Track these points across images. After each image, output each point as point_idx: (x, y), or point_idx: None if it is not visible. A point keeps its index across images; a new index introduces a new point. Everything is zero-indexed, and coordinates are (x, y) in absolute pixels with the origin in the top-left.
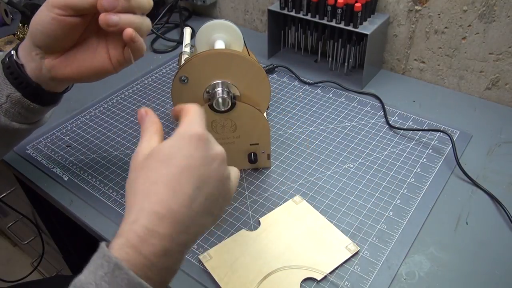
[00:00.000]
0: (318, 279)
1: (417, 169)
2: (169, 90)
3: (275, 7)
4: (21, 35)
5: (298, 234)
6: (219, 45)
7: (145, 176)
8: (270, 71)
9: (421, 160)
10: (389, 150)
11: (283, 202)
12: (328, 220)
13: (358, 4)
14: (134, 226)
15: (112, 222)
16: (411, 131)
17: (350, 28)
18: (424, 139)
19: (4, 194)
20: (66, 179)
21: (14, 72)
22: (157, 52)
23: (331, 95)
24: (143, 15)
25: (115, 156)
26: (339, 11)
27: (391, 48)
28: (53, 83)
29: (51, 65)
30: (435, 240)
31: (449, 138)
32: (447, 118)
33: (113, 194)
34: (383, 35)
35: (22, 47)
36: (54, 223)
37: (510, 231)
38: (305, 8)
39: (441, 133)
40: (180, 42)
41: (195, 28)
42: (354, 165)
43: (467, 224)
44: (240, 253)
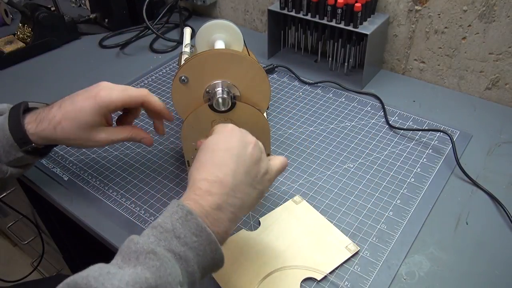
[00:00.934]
0: (318, 279)
1: (417, 169)
2: (169, 90)
3: (275, 7)
4: (21, 35)
5: (298, 234)
6: (219, 45)
7: (198, 158)
8: (270, 71)
9: (421, 160)
10: (389, 150)
11: (283, 202)
12: (328, 220)
13: (358, 4)
14: (192, 188)
15: (112, 222)
16: (411, 131)
17: (350, 28)
18: (424, 139)
19: (4, 194)
20: (66, 179)
21: (26, 142)
22: (157, 52)
23: (331, 95)
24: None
25: (115, 156)
26: (339, 11)
27: (391, 48)
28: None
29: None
30: (435, 240)
31: (449, 138)
32: (447, 118)
33: (113, 194)
34: (383, 35)
35: (40, 134)
36: (54, 223)
37: (510, 231)
38: (305, 8)
39: (441, 133)
40: (180, 42)
41: (195, 28)
42: (354, 165)
43: (467, 224)
44: (240, 253)
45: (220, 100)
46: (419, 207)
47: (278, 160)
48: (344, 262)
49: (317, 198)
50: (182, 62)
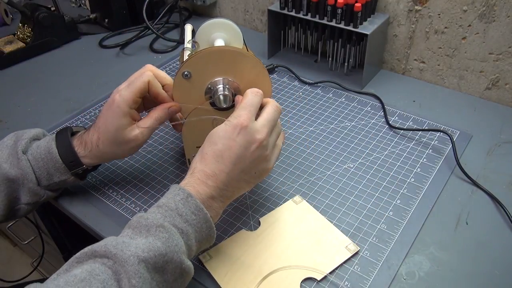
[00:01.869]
0: (318, 279)
1: (417, 169)
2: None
3: (275, 7)
4: (21, 35)
5: (298, 234)
6: (219, 43)
7: (203, 147)
8: (270, 71)
9: (421, 160)
10: (389, 150)
11: (283, 202)
12: (328, 220)
13: (358, 4)
14: (192, 176)
15: (112, 222)
16: (411, 131)
17: (350, 28)
18: (424, 139)
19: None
20: None
21: (77, 164)
22: (157, 52)
23: (331, 95)
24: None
25: None
26: (339, 11)
27: (391, 48)
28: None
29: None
30: (435, 240)
31: (449, 138)
32: (447, 118)
33: (113, 194)
34: (383, 35)
35: (90, 157)
36: (54, 223)
37: (510, 231)
38: (305, 8)
39: (441, 133)
40: (180, 42)
41: (195, 28)
42: (354, 165)
43: (467, 224)
44: (240, 253)
45: (221, 97)
46: (419, 207)
47: (277, 150)
48: (344, 262)
49: (317, 198)
50: (185, 58)
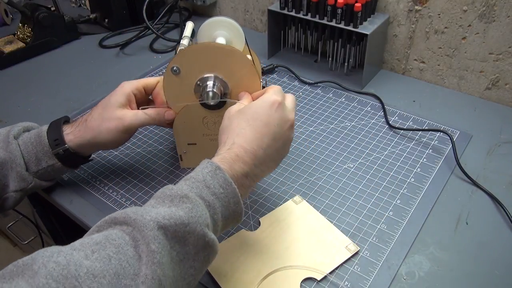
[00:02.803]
0: (318, 279)
1: (417, 169)
2: None
3: (275, 7)
4: (21, 35)
5: (298, 234)
6: (220, 42)
7: (237, 122)
8: (270, 71)
9: (421, 160)
10: (389, 150)
11: (283, 202)
12: (328, 220)
13: (358, 4)
14: (229, 152)
15: None
16: (411, 131)
17: (350, 28)
18: (424, 139)
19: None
20: (66, 179)
21: (60, 143)
22: (157, 52)
23: (331, 95)
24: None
25: (115, 156)
26: (339, 11)
27: (391, 48)
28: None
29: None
30: (435, 240)
31: (449, 138)
32: (447, 118)
33: (113, 194)
34: (383, 35)
35: (74, 133)
36: (54, 223)
37: (510, 231)
38: (305, 8)
39: (441, 133)
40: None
41: (195, 29)
42: (354, 165)
43: (467, 224)
44: (240, 253)
45: (210, 93)
46: (419, 207)
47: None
48: (344, 262)
49: (317, 198)
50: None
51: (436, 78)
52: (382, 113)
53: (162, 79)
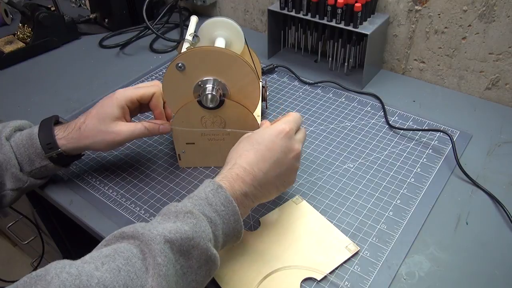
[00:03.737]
0: (318, 279)
1: (417, 169)
2: None
3: (275, 7)
4: (21, 35)
5: (298, 234)
6: (220, 42)
7: (243, 145)
8: (270, 71)
9: (421, 160)
10: (389, 150)
11: (283, 202)
12: (328, 220)
13: (358, 4)
14: (230, 171)
15: (112, 222)
16: (411, 131)
17: (350, 28)
18: (424, 139)
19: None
20: (66, 179)
21: (53, 147)
22: (157, 52)
23: (331, 95)
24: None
25: (115, 156)
26: (339, 11)
27: (391, 48)
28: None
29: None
30: (435, 240)
31: (449, 138)
32: (447, 118)
33: (113, 194)
34: (383, 35)
35: (67, 138)
36: (54, 223)
37: (510, 231)
38: (305, 8)
39: (441, 133)
40: (180, 42)
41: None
42: (354, 165)
43: (467, 224)
44: (240, 253)
45: (209, 96)
46: (419, 207)
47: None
48: (344, 262)
49: (317, 198)
50: (184, 49)
51: (436, 78)
52: (382, 113)
53: (158, 90)
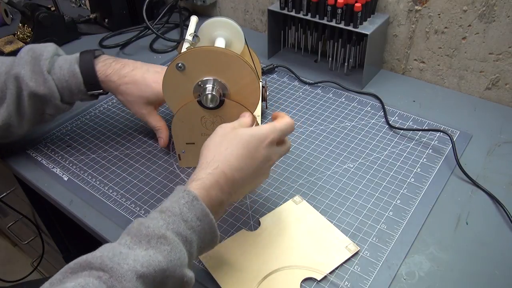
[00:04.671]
0: (318, 279)
1: (417, 169)
2: None
3: (275, 7)
4: (21, 35)
5: (298, 234)
6: (220, 42)
7: (227, 145)
8: (270, 71)
9: (421, 160)
10: (389, 150)
11: (283, 202)
12: (328, 220)
13: (358, 4)
14: (210, 177)
15: (112, 222)
16: (411, 131)
17: (350, 28)
18: (424, 139)
19: (4, 194)
20: (66, 179)
21: (95, 87)
22: (157, 52)
23: (331, 95)
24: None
25: (115, 156)
26: (339, 11)
27: (391, 48)
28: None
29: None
30: (435, 240)
31: (449, 138)
32: (447, 118)
33: (113, 194)
34: (383, 35)
35: (106, 83)
36: (54, 223)
37: (510, 231)
38: (305, 8)
39: (441, 133)
40: (180, 42)
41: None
42: (354, 165)
43: (467, 224)
44: (240, 253)
45: (209, 96)
46: (419, 207)
47: (284, 148)
48: (344, 262)
49: (317, 198)
50: (184, 49)
51: (436, 78)
52: (382, 113)
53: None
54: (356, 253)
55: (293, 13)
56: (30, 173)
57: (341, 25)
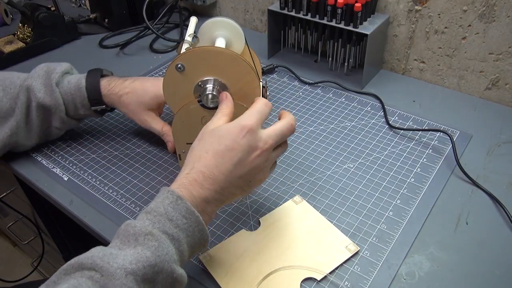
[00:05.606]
0: (318, 279)
1: (417, 169)
2: None
3: (275, 7)
4: (21, 35)
5: (298, 234)
6: (220, 42)
7: (202, 145)
8: (270, 71)
9: (421, 160)
10: (389, 150)
11: (283, 202)
12: (328, 220)
13: (358, 4)
14: (188, 176)
15: (112, 222)
16: (411, 131)
17: (350, 28)
18: (424, 139)
19: (4, 194)
20: (66, 179)
21: (99, 102)
22: (157, 52)
23: (331, 95)
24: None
25: (115, 156)
26: (339, 11)
27: (391, 48)
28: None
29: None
30: (435, 240)
31: (449, 138)
32: (447, 118)
33: (113, 194)
34: (383, 35)
35: (109, 97)
36: (54, 223)
37: (510, 231)
38: (305, 8)
39: (441, 133)
40: (180, 42)
41: (195, 29)
42: (354, 165)
43: (467, 224)
44: (240, 253)
45: (209, 96)
46: (419, 207)
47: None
48: (344, 262)
49: (317, 198)
50: (183, 50)
51: (436, 78)
52: (382, 113)
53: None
54: (356, 253)
55: (293, 13)
56: (30, 173)
57: (341, 25)
